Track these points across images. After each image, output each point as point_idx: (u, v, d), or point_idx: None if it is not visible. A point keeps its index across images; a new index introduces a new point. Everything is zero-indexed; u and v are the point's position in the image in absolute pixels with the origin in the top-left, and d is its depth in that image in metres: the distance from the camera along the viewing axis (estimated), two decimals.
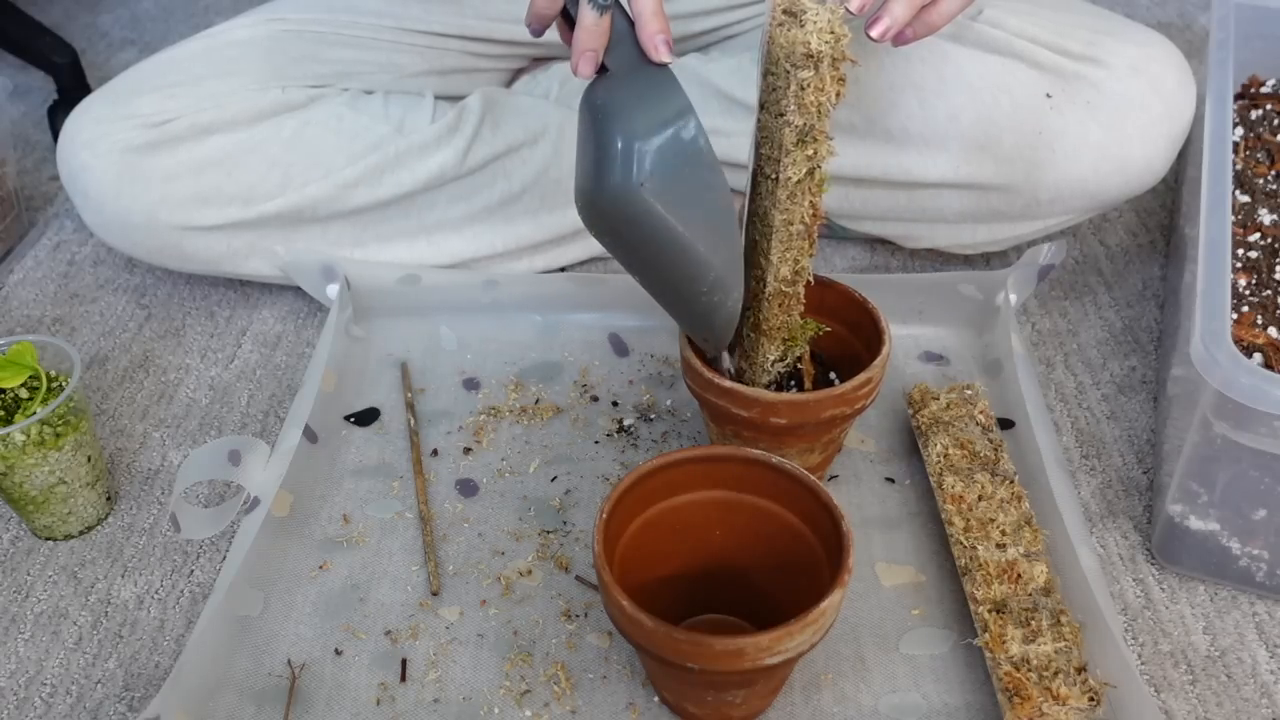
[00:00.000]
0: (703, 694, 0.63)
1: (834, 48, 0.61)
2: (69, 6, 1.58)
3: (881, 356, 0.73)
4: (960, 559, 0.72)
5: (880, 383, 0.74)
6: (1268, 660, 0.70)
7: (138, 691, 0.70)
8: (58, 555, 0.79)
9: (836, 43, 0.61)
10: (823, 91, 0.62)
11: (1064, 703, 0.62)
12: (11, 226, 1.10)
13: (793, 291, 0.72)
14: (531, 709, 0.68)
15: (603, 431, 0.87)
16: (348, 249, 0.96)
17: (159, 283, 1.05)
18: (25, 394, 0.76)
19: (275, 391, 0.93)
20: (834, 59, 0.62)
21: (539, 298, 0.97)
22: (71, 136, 0.92)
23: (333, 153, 0.93)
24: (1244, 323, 0.73)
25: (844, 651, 0.71)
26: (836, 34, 0.61)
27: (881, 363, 0.73)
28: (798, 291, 0.72)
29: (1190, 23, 1.45)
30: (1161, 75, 0.89)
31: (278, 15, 0.98)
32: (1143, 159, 0.89)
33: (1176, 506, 0.72)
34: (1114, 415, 0.88)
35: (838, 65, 0.62)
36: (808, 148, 0.65)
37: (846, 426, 0.76)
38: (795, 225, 0.68)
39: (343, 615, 0.74)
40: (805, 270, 0.71)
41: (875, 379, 0.73)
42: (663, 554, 0.68)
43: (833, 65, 0.62)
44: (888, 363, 0.74)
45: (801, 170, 0.65)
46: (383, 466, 0.84)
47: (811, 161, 0.65)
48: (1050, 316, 0.98)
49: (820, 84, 0.62)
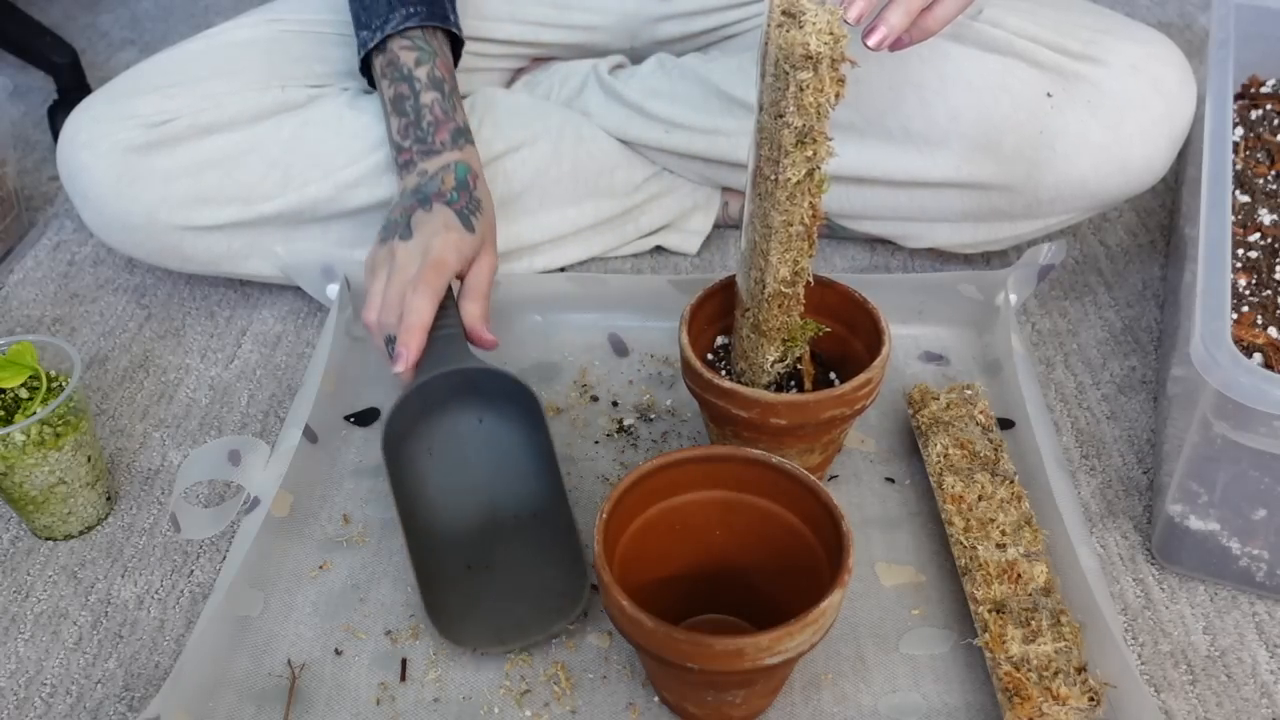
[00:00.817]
0: (703, 694, 0.63)
1: (833, 49, 0.61)
2: (69, 6, 1.58)
3: (881, 357, 0.73)
4: (960, 559, 0.72)
5: (880, 383, 0.74)
6: (1268, 660, 0.70)
7: (138, 691, 0.70)
8: (58, 555, 0.79)
9: (835, 44, 0.61)
10: (822, 93, 0.62)
11: (1064, 703, 0.62)
12: (11, 226, 1.10)
13: (792, 292, 0.72)
14: (531, 709, 0.68)
15: (602, 431, 0.87)
16: (348, 249, 0.96)
17: (159, 283, 1.05)
18: (25, 394, 0.76)
19: (275, 391, 0.93)
20: (833, 60, 0.61)
21: (538, 298, 0.97)
22: (71, 137, 0.92)
23: (333, 153, 0.93)
24: (1244, 323, 0.73)
25: (844, 651, 0.71)
26: (835, 35, 0.61)
27: (881, 363, 0.73)
28: (797, 292, 0.72)
29: (1190, 23, 1.45)
30: (1162, 74, 0.89)
31: (278, 15, 0.98)
32: (1143, 158, 0.89)
33: (1176, 506, 0.72)
34: (1114, 415, 0.88)
35: (836, 66, 0.62)
36: (807, 149, 0.64)
37: (846, 427, 0.76)
38: (795, 226, 0.68)
39: (343, 615, 0.74)
40: (805, 271, 0.71)
41: (875, 379, 0.73)
42: (663, 554, 0.68)
43: (832, 66, 0.62)
44: (888, 363, 0.74)
45: (801, 171, 0.65)
46: (382, 466, 0.84)
47: (811, 163, 0.65)
48: (1050, 316, 0.98)
49: (819, 85, 0.62)
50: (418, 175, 0.84)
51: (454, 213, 0.81)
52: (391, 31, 0.85)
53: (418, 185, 0.83)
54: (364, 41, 0.87)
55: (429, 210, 0.81)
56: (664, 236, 1.06)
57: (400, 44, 0.86)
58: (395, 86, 0.86)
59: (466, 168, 0.84)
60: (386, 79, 0.87)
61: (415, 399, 0.79)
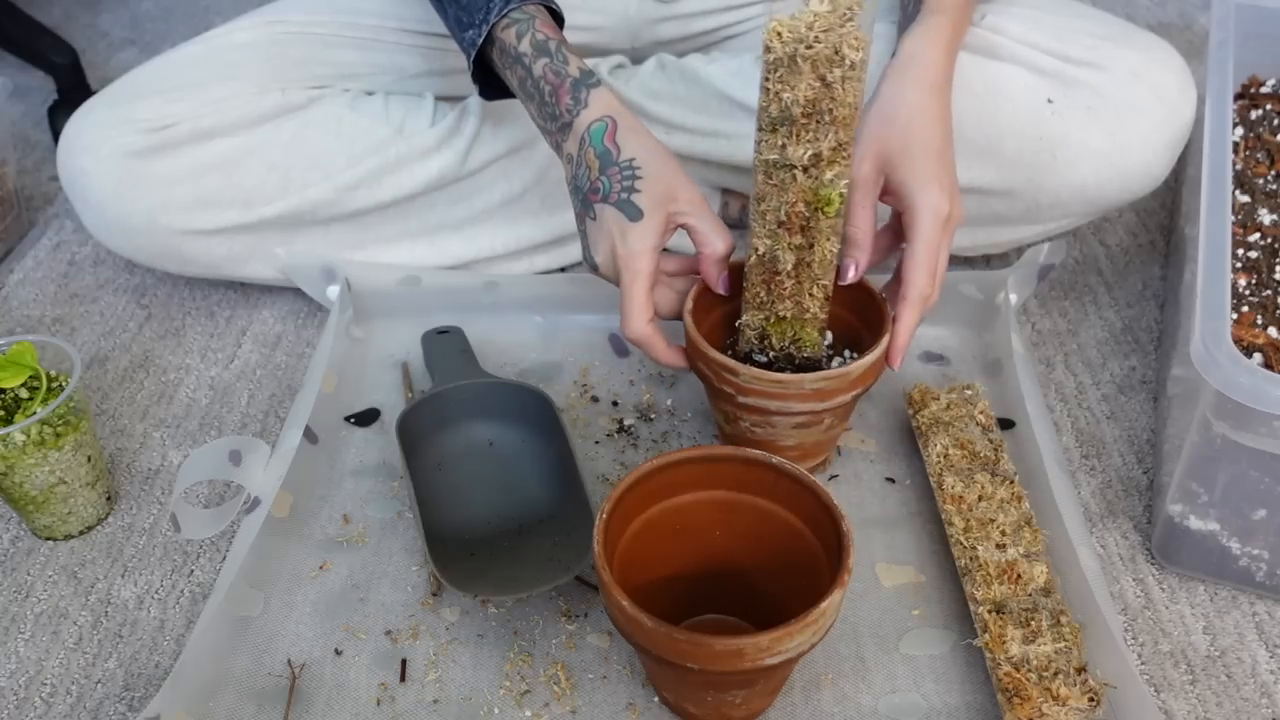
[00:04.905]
0: (703, 694, 0.63)
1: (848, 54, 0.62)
2: (69, 6, 1.58)
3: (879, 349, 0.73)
4: (960, 559, 0.72)
5: (858, 384, 0.74)
6: (1268, 660, 0.70)
7: (138, 691, 0.70)
8: (58, 555, 0.79)
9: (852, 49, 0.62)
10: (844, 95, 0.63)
11: (1064, 703, 0.62)
12: (11, 226, 1.10)
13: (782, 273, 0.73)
14: (531, 709, 0.68)
15: (603, 431, 0.87)
16: (348, 251, 0.96)
17: (159, 283, 1.05)
18: (25, 394, 0.76)
19: (275, 391, 0.93)
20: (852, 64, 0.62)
21: (539, 298, 0.97)
22: (71, 141, 0.92)
23: (333, 155, 0.93)
24: (1244, 323, 0.73)
25: (844, 651, 0.71)
26: (860, 37, 0.62)
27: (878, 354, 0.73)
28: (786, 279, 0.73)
29: (1190, 23, 1.45)
30: (1162, 80, 0.89)
31: (278, 17, 0.98)
32: (1143, 163, 0.89)
33: (1176, 506, 0.72)
34: (1114, 415, 0.88)
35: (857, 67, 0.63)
36: (832, 168, 0.67)
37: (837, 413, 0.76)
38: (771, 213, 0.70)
39: (343, 615, 0.74)
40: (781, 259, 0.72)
41: (854, 373, 0.73)
42: (663, 554, 0.68)
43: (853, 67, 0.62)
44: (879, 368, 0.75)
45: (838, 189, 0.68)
46: (383, 466, 0.84)
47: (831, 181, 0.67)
48: (1050, 316, 0.98)
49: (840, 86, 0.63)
50: (568, 163, 0.79)
51: (613, 207, 0.74)
52: (495, 19, 0.80)
53: (574, 180, 0.78)
54: (472, 40, 0.81)
55: (595, 219, 0.76)
56: None
57: (500, 27, 0.81)
58: (513, 72, 0.81)
59: (602, 127, 0.77)
60: (506, 69, 0.82)
61: (426, 408, 0.80)
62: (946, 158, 0.75)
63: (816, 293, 0.73)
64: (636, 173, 0.75)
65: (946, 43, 0.78)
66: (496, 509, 0.78)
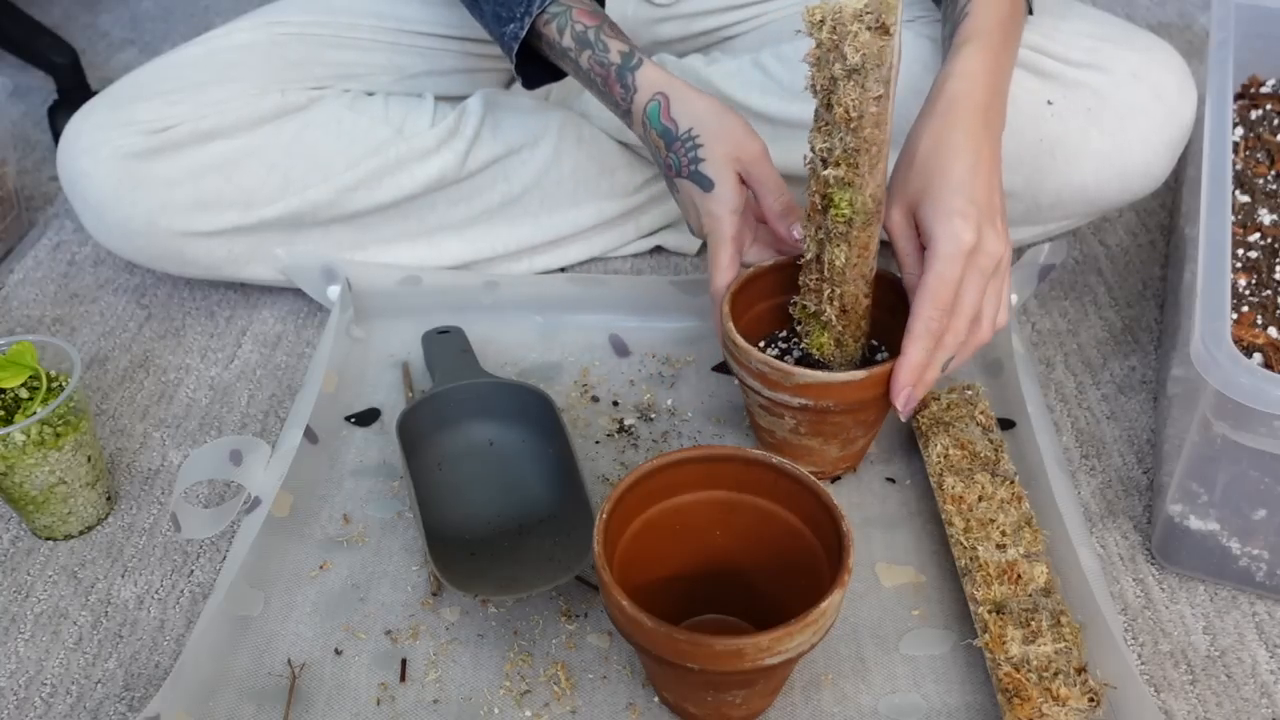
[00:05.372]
0: (703, 694, 0.63)
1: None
2: (69, 6, 1.58)
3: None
4: (960, 559, 0.72)
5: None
6: (1268, 660, 0.70)
7: (138, 691, 0.70)
8: (58, 555, 0.79)
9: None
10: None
11: (1064, 703, 0.62)
12: (11, 226, 1.10)
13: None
14: (531, 709, 0.68)
15: (603, 431, 0.87)
16: (349, 252, 0.96)
17: (159, 283, 1.05)
18: (25, 394, 0.76)
19: (275, 391, 0.93)
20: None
21: (539, 298, 0.97)
22: (71, 143, 0.92)
23: (332, 156, 0.93)
24: (1244, 323, 0.73)
25: (844, 651, 0.71)
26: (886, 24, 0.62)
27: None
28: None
29: (1190, 23, 1.45)
30: (1163, 81, 0.89)
31: (278, 18, 0.98)
32: (1143, 165, 0.89)
33: (1176, 506, 0.72)
34: (1114, 415, 0.88)
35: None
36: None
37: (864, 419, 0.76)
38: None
39: (343, 615, 0.74)
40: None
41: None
42: (663, 554, 0.68)
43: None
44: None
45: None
46: (383, 466, 0.84)
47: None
48: (1050, 316, 0.98)
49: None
50: (644, 144, 0.82)
51: (688, 180, 0.78)
52: (537, 12, 0.80)
53: (654, 160, 0.82)
54: (514, 34, 0.82)
55: (679, 192, 0.80)
56: (664, 236, 1.06)
57: (542, 23, 0.81)
58: (564, 65, 0.83)
59: (655, 107, 0.79)
60: (559, 62, 0.83)
61: (427, 408, 0.80)
62: (971, 189, 0.70)
63: (833, 298, 0.73)
64: (697, 141, 0.77)
65: (977, 72, 0.75)
66: (497, 509, 0.78)
